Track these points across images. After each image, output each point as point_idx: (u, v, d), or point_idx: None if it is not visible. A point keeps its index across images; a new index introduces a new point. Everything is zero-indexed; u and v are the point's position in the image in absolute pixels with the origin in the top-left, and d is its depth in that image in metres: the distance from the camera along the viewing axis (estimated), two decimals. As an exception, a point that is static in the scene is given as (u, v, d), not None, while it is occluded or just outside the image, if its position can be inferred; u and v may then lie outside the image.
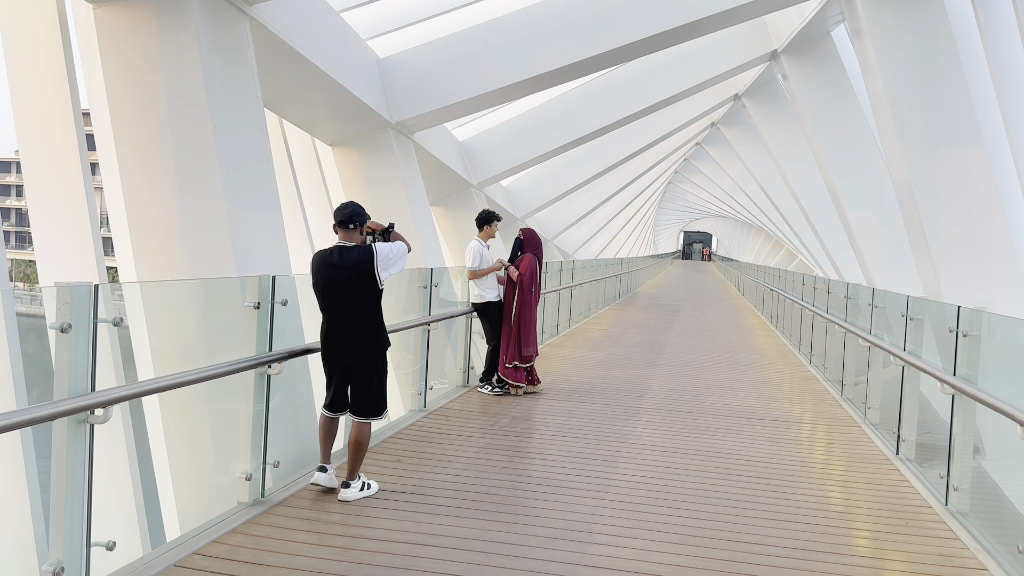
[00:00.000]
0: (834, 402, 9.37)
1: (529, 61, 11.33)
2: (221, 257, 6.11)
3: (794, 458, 6.74)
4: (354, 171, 11.19)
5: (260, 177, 6.77)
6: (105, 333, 6.08)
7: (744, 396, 9.42)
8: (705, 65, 16.57)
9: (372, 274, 5.03)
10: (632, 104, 16.77)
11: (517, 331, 8.65)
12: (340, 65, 9.58)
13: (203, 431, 5.40)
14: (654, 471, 6.06)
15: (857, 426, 8.10)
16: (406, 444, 6.49)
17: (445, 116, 12.02)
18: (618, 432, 7.26)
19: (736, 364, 12.26)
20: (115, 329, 6.20)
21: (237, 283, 4.94)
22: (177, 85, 6.18)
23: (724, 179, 40.04)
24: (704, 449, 6.79)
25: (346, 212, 5.07)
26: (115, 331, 6.12)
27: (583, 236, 34.60)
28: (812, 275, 14.60)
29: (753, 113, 22.21)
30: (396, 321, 7.29)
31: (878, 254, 14.86)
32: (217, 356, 4.88)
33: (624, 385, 9.72)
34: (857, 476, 6.30)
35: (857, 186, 15.50)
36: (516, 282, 8.67)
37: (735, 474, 6.09)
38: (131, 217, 6.20)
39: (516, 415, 7.80)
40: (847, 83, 16.50)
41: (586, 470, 6.00)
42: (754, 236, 68.30)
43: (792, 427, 8.01)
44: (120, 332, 6.34)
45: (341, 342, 5.08)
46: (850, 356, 9.63)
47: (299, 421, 5.69)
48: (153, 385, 3.73)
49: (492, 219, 8.79)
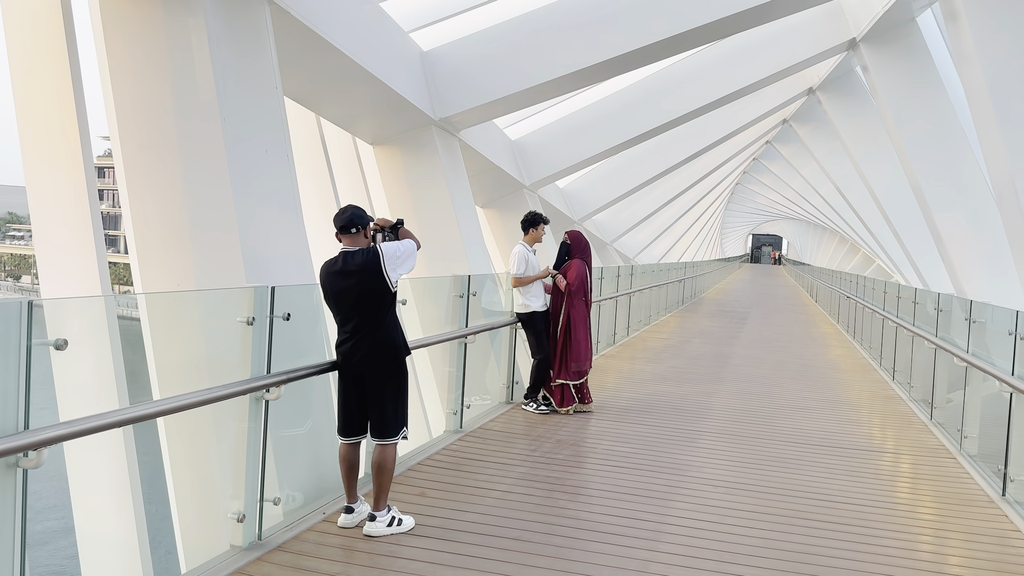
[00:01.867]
0: (922, 427, 8.32)
1: (583, 51, 10.56)
2: (229, 265, 5.57)
3: (880, 498, 5.81)
4: (395, 171, 10.62)
5: (278, 176, 6.20)
6: (93, 351, 5.66)
7: (819, 419, 8.45)
8: (777, 56, 15.45)
9: (381, 276, 4.51)
10: (697, 99, 15.78)
11: (565, 344, 7.89)
12: (379, 58, 8.99)
13: (189, 464, 4.82)
14: (716, 513, 5.23)
15: (951, 457, 7.08)
16: (434, 472, 5.81)
17: (493, 112, 11.34)
18: (675, 462, 6.43)
19: (810, 380, 11.23)
20: (118, 345, 5.77)
21: (231, 296, 4.33)
22: (184, 76, 5.68)
23: (796, 179, 38.33)
24: (774, 486, 5.91)
25: (345, 217, 4.57)
26: (118, 348, 5.64)
27: (645, 239, 33.51)
28: (894, 283, 13.42)
29: (829, 108, 20.85)
30: (429, 333, 6.64)
31: (969, 260, 13.53)
32: (207, 379, 4.29)
33: (684, 403, 8.86)
34: (956, 523, 5.34)
35: (945, 186, 14.17)
36: (564, 292, 7.93)
37: (811, 519, 5.22)
38: (136, 220, 5.72)
39: (562, 438, 7.04)
40: (934, 74, 15.14)
41: (636, 511, 5.21)
42: (828, 239, 65.74)
43: (876, 458, 7.04)
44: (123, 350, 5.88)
45: (354, 353, 4.51)
46: (940, 375, 8.56)
47: (309, 450, 5.07)
48: (95, 423, 3.12)
49: (538, 222, 8.06)
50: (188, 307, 4.43)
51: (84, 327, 4.73)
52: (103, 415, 3.25)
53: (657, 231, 34.19)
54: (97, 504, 5.72)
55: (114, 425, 3.22)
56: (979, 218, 13.94)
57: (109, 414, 3.25)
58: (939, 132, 14.74)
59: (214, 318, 4.37)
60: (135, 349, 5.63)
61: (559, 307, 7.98)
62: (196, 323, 4.40)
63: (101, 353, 5.22)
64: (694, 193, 33.10)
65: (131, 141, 5.72)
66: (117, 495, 5.58)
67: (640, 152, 19.23)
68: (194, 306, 4.42)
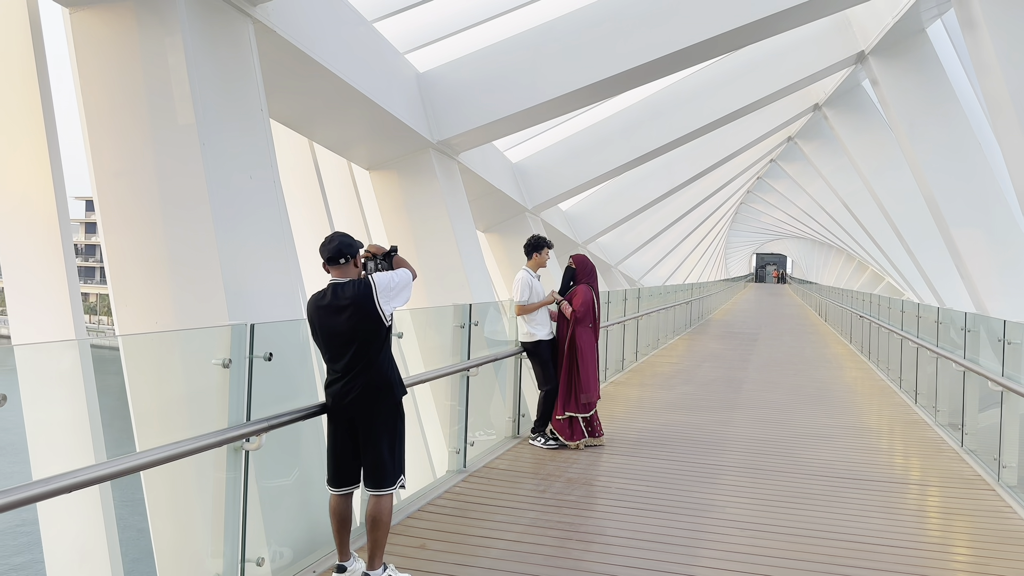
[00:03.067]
0: (954, 455, 7.84)
1: (583, 69, 10.21)
2: (210, 301, 5.16)
3: (920, 538, 5.33)
4: (393, 197, 10.24)
5: (264, 204, 5.81)
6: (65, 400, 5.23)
7: (843, 448, 7.98)
8: (784, 70, 15.09)
9: (374, 310, 4.09)
10: (701, 117, 15.42)
11: (571, 374, 7.45)
12: (373, 80, 8.64)
13: (171, 520, 4.38)
14: (745, 562, 4.76)
15: (990, 489, 6.60)
16: (436, 521, 5.35)
17: (492, 133, 10.98)
18: (695, 502, 5.96)
19: (828, 404, 10.76)
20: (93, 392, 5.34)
21: (204, 335, 3.92)
22: (161, 98, 5.31)
23: (801, 197, 37.94)
24: (805, 527, 5.44)
25: (332, 247, 4.15)
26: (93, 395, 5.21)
27: (649, 261, 33.08)
28: (912, 301, 12.95)
29: (835, 124, 20.47)
30: (431, 366, 6.22)
31: (990, 276, 13.06)
32: (186, 427, 3.87)
33: (700, 434, 8.39)
34: (1005, 565, 4.86)
35: (963, 200, 13.72)
36: (570, 319, 7.50)
37: (849, 565, 4.75)
38: (111, 252, 5.32)
39: (572, 477, 6.59)
40: (947, 85, 14.76)
41: (658, 561, 4.75)
42: (834, 257, 65.28)
43: (909, 491, 6.56)
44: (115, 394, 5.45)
45: (345, 394, 4.09)
46: (971, 399, 8.10)
47: (298, 501, 4.63)
48: (46, 488, 2.70)
49: (542, 246, 7.65)
50: (160, 349, 4.02)
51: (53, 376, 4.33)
52: (51, 479, 2.83)
53: (662, 252, 33.78)
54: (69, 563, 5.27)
55: (59, 492, 2.79)
56: (999, 233, 13.49)
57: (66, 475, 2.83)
58: (954, 145, 14.33)
59: (188, 360, 3.96)
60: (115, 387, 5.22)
61: (565, 335, 7.55)
62: (169, 366, 3.99)
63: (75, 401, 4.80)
64: (699, 213, 32.74)
65: (105, 169, 5.35)
66: (92, 552, 5.13)
67: (644, 172, 18.88)
68: (166, 348, 4.01)
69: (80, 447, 4.84)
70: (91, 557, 5.12)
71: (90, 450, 4.83)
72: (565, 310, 7.52)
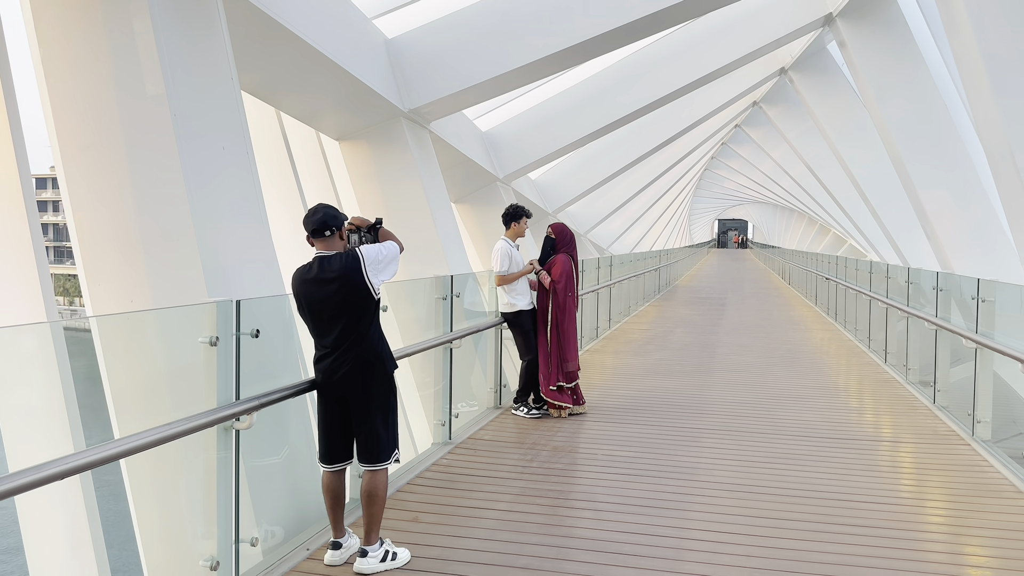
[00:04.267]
0: (927, 412, 8.00)
1: (555, 34, 10.05)
2: (187, 276, 5.00)
3: (902, 495, 5.44)
4: (364, 168, 10.03)
5: (237, 176, 5.63)
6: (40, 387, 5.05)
7: (821, 408, 8.10)
8: (751, 35, 15.05)
9: (363, 283, 3.98)
10: (670, 82, 15.34)
11: (557, 346, 7.41)
12: (342, 46, 8.40)
13: (156, 504, 4.27)
14: (738, 524, 4.80)
15: (965, 444, 6.75)
16: (426, 494, 5.31)
17: (464, 101, 10.79)
18: (681, 465, 6.00)
19: (801, 366, 10.91)
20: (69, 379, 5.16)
21: (187, 313, 3.79)
22: (127, 67, 5.08)
23: (765, 162, 38.23)
24: (793, 487, 5.51)
25: (317, 219, 4.03)
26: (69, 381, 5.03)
27: (617, 229, 33.14)
28: (883, 263, 13.13)
29: (801, 88, 20.54)
30: (412, 342, 6.12)
31: (955, 236, 13.29)
32: (170, 409, 3.76)
33: (679, 399, 8.45)
34: (992, 517, 4.98)
35: (929, 162, 13.89)
36: (549, 289, 7.44)
37: (839, 523, 4.82)
38: (80, 230, 5.12)
39: (558, 445, 6.58)
40: (914, 48, 14.84)
41: (652, 525, 4.77)
42: (796, 221, 66.13)
43: (889, 449, 6.68)
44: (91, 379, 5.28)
45: (335, 370, 3.99)
46: (943, 357, 8.25)
47: (286, 479, 4.54)
48: (33, 477, 2.58)
49: (520, 215, 7.56)
50: (142, 328, 3.87)
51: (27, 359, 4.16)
52: (46, 465, 2.71)
53: (629, 220, 33.86)
54: (54, 553, 5.12)
55: (57, 477, 2.67)
56: (965, 194, 13.70)
57: (52, 463, 2.71)
58: (920, 106, 14.47)
59: (173, 339, 3.83)
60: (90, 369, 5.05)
61: (546, 306, 7.50)
62: (153, 346, 3.85)
63: (50, 389, 4.62)
64: (665, 180, 32.82)
65: (71, 143, 5.12)
66: (75, 542, 4.99)
67: (612, 140, 18.80)
68: (149, 326, 3.86)
69: (57, 433, 4.68)
70: (75, 541, 4.98)
71: (68, 436, 4.68)
72: (544, 280, 7.46)
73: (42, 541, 5.09)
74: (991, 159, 9.50)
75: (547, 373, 7.40)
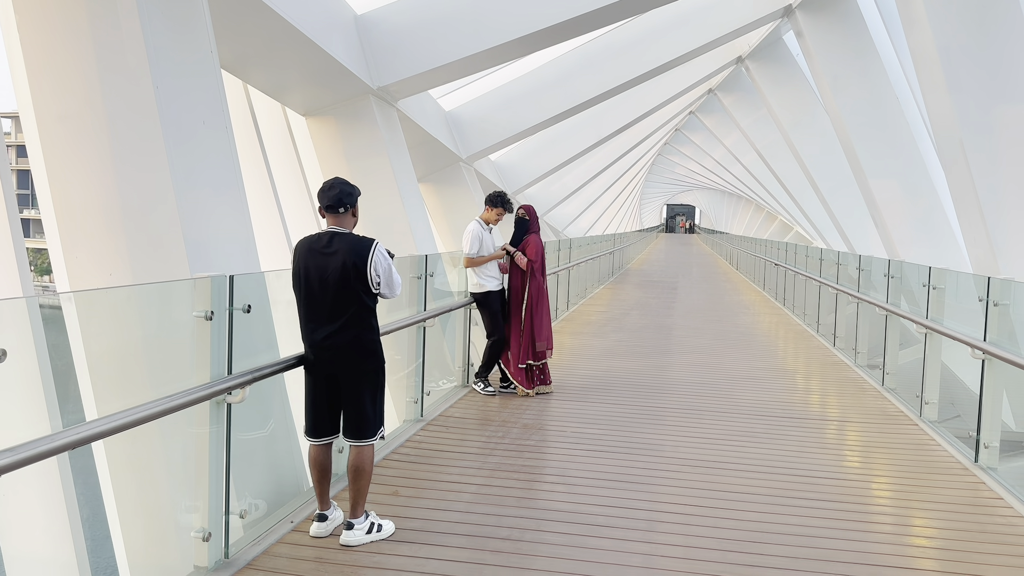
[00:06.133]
0: (877, 394, 8.39)
1: (527, 15, 10.10)
2: (170, 252, 4.97)
3: (857, 471, 5.75)
4: (332, 144, 9.97)
5: (217, 151, 5.58)
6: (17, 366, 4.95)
7: (775, 389, 8.43)
8: (712, 23, 15.32)
9: (364, 271, 4.03)
10: (632, 68, 15.52)
11: (530, 325, 7.54)
12: (311, 19, 8.31)
13: (147, 478, 4.28)
14: (705, 497, 5.03)
15: (913, 424, 7.12)
16: (403, 468, 5.42)
17: (433, 80, 10.79)
18: (648, 443, 6.22)
19: (754, 348, 11.27)
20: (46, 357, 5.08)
21: (182, 287, 3.80)
22: (109, 39, 4.99)
23: (717, 149, 38.90)
24: (753, 463, 5.77)
25: (333, 194, 4.06)
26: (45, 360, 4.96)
27: (572, 212, 33.43)
28: (834, 251, 13.58)
29: (757, 77, 20.98)
30: (386, 321, 6.18)
31: (903, 225, 13.83)
32: (156, 383, 3.78)
33: (640, 379, 8.69)
34: (942, 492, 5.31)
35: (881, 153, 14.39)
36: (526, 270, 7.56)
37: (800, 497, 5.08)
38: (57, 202, 5.03)
39: (528, 423, 6.74)
40: (869, 41, 15.30)
41: (624, 499, 4.96)
42: (743, 208, 67.44)
43: (841, 428, 7.02)
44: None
45: (327, 347, 4.05)
46: (892, 341, 8.64)
47: (269, 453, 4.59)
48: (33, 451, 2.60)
49: (501, 204, 7.56)
50: (132, 303, 3.87)
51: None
52: (41, 440, 2.73)
53: (584, 204, 34.15)
54: (28, 531, 5.05)
55: (59, 450, 2.70)
56: (914, 185, 14.23)
57: (46, 439, 2.73)
58: (874, 99, 14.94)
59: (165, 314, 3.83)
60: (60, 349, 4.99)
61: (519, 286, 7.61)
62: (143, 321, 3.85)
63: (27, 367, 4.54)
64: (621, 164, 33.16)
65: (47, 112, 5.02)
66: (51, 518, 4.94)
67: (572, 123, 18.94)
68: (139, 301, 3.86)
69: (34, 411, 4.62)
70: (55, 516, 4.93)
71: (44, 413, 4.62)
72: (520, 261, 7.55)
73: (25, 518, 5.03)
74: (942, 152, 9.91)
75: (517, 352, 7.53)
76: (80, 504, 5.12)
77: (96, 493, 5.27)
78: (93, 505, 5.28)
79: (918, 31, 9.49)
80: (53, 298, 3.69)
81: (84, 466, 5.40)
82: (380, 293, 4.14)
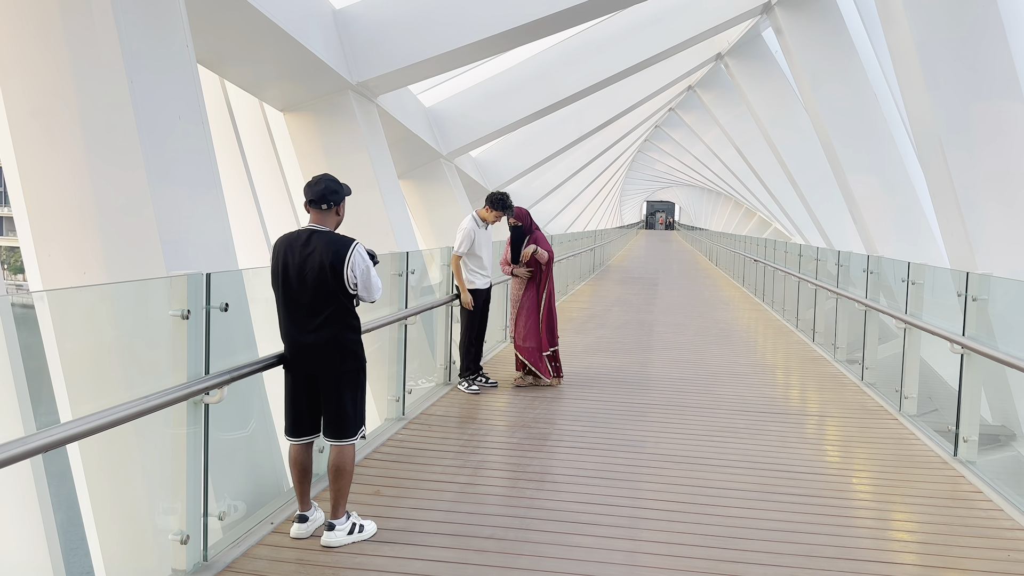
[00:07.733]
0: (856, 388, 8.45)
1: (505, 12, 10.05)
2: (145, 249, 4.88)
3: (838, 466, 5.78)
4: (310, 140, 9.86)
5: (193, 147, 5.49)
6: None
7: (756, 385, 8.46)
8: (692, 20, 15.36)
9: (341, 269, 3.98)
10: (612, 64, 15.53)
11: (548, 317, 7.88)
12: (289, 13, 8.21)
13: (124, 480, 4.20)
14: (687, 494, 5.03)
15: (893, 419, 7.17)
16: (385, 468, 5.37)
17: (414, 75, 10.71)
18: (630, 439, 6.22)
19: (734, 344, 11.32)
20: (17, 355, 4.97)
21: (158, 286, 3.73)
22: (83, 32, 4.88)
23: (696, 146, 39.07)
24: (735, 459, 5.78)
25: (318, 190, 4.01)
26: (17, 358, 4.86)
27: (554, 209, 33.44)
28: (813, 246, 13.67)
29: (736, 74, 21.08)
30: (367, 319, 6.13)
31: (882, 221, 13.95)
32: (131, 384, 3.71)
33: (622, 375, 8.69)
34: (922, 487, 5.34)
35: (859, 149, 14.50)
36: (544, 264, 7.84)
37: (783, 492, 5.10)
38: (30, 200, 4.92)
39: (511, 420, 6.72)
40: (847, 38, 15.42)
41: (607, 496, 4.95)
42: (722, 204, 67.82)
43: (822, 423, 7.06)
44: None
45: (306, 345, 3.99)
46: (872, 337, 8.71)
47: (247, 454, 4.53)
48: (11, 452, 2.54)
49: (502, 208, 7.53)
50: (106, 302, 3.78)
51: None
52: (13, 443, 2.66)
53: (565, 200, 34.18)
54: (2, 534, 4.93)
55: (33, 452, 2.63)
56: (892, 181, 14.36)
57: (19, 442, 2.66)
58: (853, 96, 15.06)
59: (140, 313, 3.76)
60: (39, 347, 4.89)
61: (536, 281, 7.87)
62: (118, 320, 3.77)
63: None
64: (601, 161, 33.21)
65: (19, 107, 4.91)
66: (25, 522, 4.83)
67: (552, 120, 18.93)
68: (114, 301, 3.78)
69: (6, 412, 4.52)
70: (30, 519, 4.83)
71: (17, 415, 4.52)
72: (540, 257, 7.79)
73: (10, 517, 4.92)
74: (920, 149, 10.00)
75: (538, 342, 7.80)
76: (55, 507, 5.03)
77: (71, 496, 5.17)
78: (68, 508, 5.18)
79: (896, 28, 9.57)
80: (26, 297, 3.60)
81: (59, 469, 5.30)
82: (358, 296, 4.08)
